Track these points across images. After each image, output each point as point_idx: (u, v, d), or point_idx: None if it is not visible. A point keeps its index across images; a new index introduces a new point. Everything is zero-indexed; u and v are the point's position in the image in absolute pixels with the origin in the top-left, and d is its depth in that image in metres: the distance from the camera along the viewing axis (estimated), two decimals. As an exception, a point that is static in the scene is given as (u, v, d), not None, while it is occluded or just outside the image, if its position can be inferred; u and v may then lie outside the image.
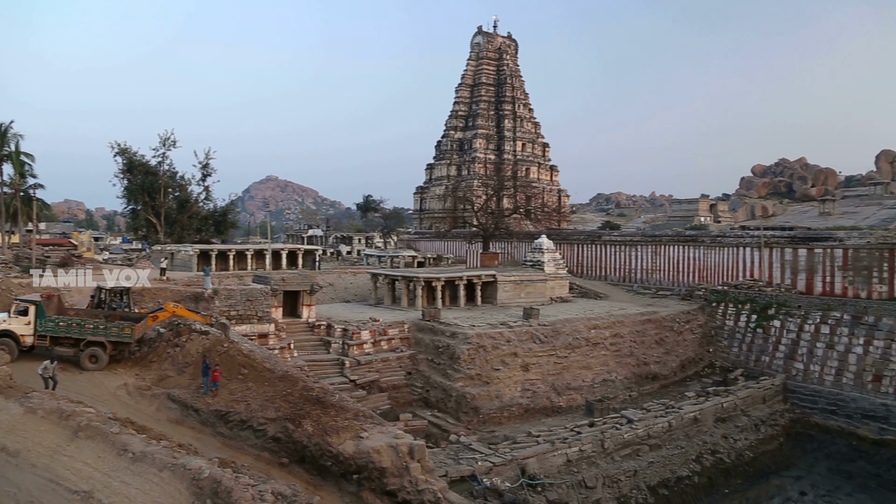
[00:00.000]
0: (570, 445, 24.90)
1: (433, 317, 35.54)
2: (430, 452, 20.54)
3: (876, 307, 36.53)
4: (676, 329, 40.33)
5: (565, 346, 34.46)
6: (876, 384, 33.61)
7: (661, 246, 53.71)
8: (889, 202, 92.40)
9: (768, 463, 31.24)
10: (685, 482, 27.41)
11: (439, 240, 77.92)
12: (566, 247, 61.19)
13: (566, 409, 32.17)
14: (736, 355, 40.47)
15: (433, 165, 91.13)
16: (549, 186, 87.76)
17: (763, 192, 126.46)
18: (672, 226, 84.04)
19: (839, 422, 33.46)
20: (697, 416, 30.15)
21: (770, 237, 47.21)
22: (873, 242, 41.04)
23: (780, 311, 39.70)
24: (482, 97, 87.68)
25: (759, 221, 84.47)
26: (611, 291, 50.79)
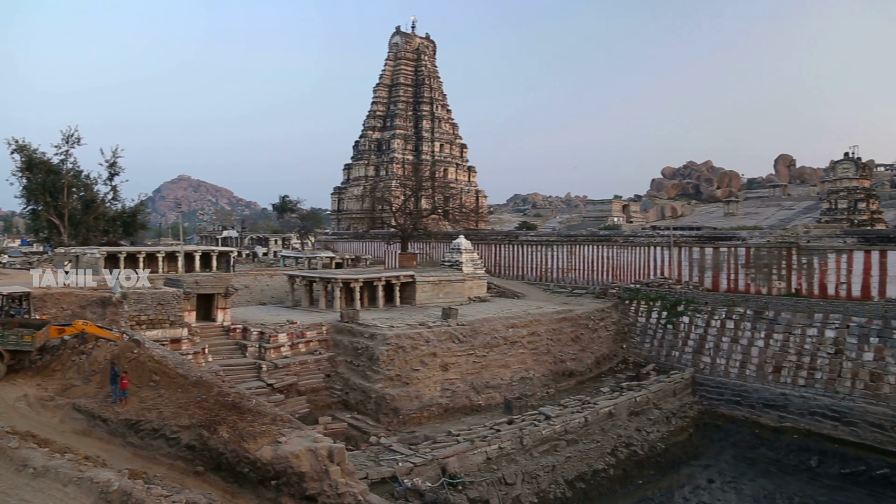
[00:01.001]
0: (490, 443, 25.18)
1: (352, 318, 35.22)
2: (350, 455, 20.33)
3: (775, 302, 38.58)
4: (591, 327, 41.33)
5: (484, 345, 34.78)
6: (776, 375, 35.47)
7: (577, 246, 54.97)
8: (787, 203, 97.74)
9: (679, 453, 32.46)
10: (601, 475, 28.16)
11: (357, 240, 77.34)
12: (484, 247, 61.82)
13: (485, 408, 32.48)
14: (648, 351, 41.85)
15: (351, 166, 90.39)
16: (466, 187, 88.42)
17: (672, 193, 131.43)
18: (587, 226, 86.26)
19: (743, 411, 35.15)
20: (612, 411, 31.03)
21: (679, 237, 49.03)
22: (773, 242, 43.23)
23: (689, 307, 41.33)
24: (400, 97, 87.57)
25: (668, 221, 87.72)
26: (528, 290, 51.61)
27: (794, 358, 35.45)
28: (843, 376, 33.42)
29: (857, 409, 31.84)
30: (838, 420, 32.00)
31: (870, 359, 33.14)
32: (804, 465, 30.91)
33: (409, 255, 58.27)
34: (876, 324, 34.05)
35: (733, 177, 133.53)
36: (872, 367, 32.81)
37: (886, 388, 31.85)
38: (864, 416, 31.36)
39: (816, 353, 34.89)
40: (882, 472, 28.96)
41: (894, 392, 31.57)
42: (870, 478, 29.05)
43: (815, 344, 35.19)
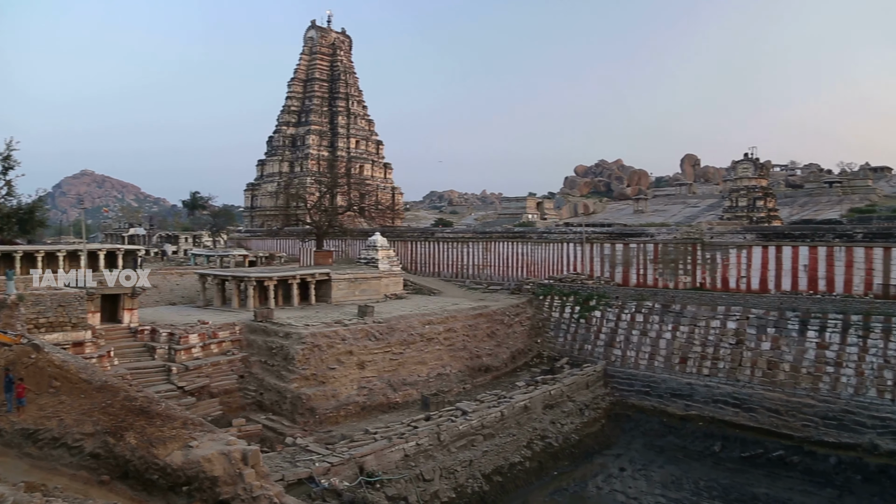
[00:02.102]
0: (408, 440, 25.19)
1: (266, 317, 34.52)
2: (265, 457, 19.92)
3: (682, 296, 40.21)
4: (507, 322, 41.93)
5: (400, 342, 34.76)
6: (682, 365, 36.97)
7: (492, 242, 55.66)
8: (692, 201, 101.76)
9: (592, 444, 33.36)
10: (518, 467, 28.64)
11: (272, 238, 75.90)
12: (400, 244, 61.78)
13: (403, 405, 32.48)
14: (562, 345, 42.81)
15: (265, 161, 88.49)
16: (383, 184, 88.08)
17: (585, 191, 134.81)
18: (502, 223, 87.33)
19: (652, 401, 36.46)
20: (527, 405, 31.58)
21: (591, 233, 50.31)
22: (679, 238, 44.98)
23: (601, 302, 42.52)
24: (315, 93, 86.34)
25: (581, 218, 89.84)
26: (444, 287, 51.89)
27: (698, 349, 37.05)
28: (743, 365, 35.17)
29: (755, 395, 33.59)
30: (739, 407, 33.67)
31: (767, 348, 35.02)
32: (709, 450, 32.35)
33: (324, 253, 57.58)
34: (773, 315, 36.00)
35: (642, 175, 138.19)
36: (770, 355, 34.68)
37: (782, 376, 33.74)
38: (762, 403, 33.13)
39: (719, 343, 36.58)
40: (778, 454, 30.67)
41: (789, 379, 33.49)
42: (767, 459, 30.71)
43: (718, 335, 36.89)
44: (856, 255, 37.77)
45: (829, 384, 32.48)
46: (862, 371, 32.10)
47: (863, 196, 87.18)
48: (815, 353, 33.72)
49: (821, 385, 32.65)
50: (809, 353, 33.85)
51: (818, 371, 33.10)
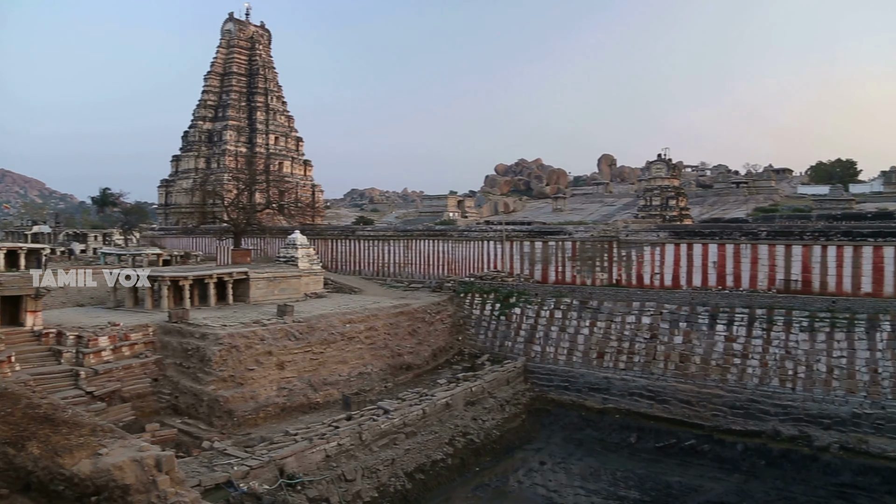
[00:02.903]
0: (329, 441, 24.90)
1: (181, 318, 33.43)
2: (181, 462, 19.33)
3: (599, 293, 41.22)
4: (428, 320, 42.01)
5: (321, 341, 34.32)
6: (599, 360, 37.91)
7: (413, 240, 55.65)
8: (609, 200, 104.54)
9: (513, 439, 33.81)
10: (440, 465, 28.73)
11: (187, 236, 73.70)
12: (321, 242, 61.04)
13: (324, 405, 32.10)
14: (483, 342, 43.20)
15: (180, 157, 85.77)
16: (303, 181, 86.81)
17: (505, 189, 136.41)
18: (423, 221, 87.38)
19: (571, 396, 37.25)
20: (449, 402, 31.74)
21: (511, 231, 50.96)
22: (596, 236, 46.09)
23: (521, 299, 43.13)
24: (233, 87, 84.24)
25: (501, 217, 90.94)
26: (365, 286, 51.57)
27: (615, 344, 38.08)
28: (657, 359, 36.37)
29: (669, 388, 34.81)
30: (654, 399, 34.80)
31: (679, 342, 36.32)
32: (625, 442, 33.32)
33: (242, 252, 56.33)
34: (684, 310, 37.36)
35: (561, 174, 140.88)
36: (682, 349, 35.99)
37: (693, 368, 35.08)
38: (675, 394, 34.35)
39: (634, 338, 37.70)
40: (690, 443, 31.87)
41: (700, 371, 34.84)
42: (680, 449, 31.88)
43: (634, 330, 38.01)
44: (760, 252, 39.62)
45: (737, 375, 33.99)
46: (766, 362, 33.73)
47: (766, 196, 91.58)
48: (723, 345, 35.21)
49: (729, 376, 34.13)
50: (718, 345, 35.32)
51: (726, 363, 34.59)
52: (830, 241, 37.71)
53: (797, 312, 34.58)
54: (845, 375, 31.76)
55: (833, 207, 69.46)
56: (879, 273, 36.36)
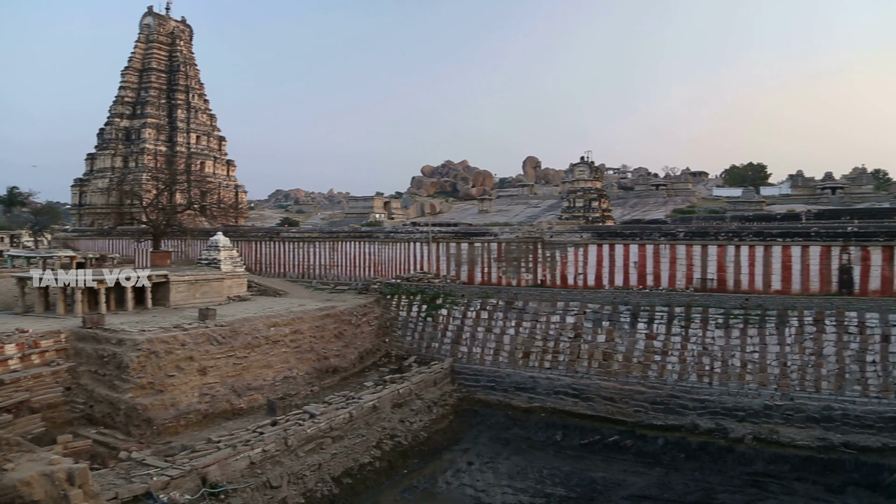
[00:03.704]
0: (253, 447, 24.35)
1: (96, 323, 32.06)
2: (96, 475, 18.60)
3: (524, 293, 41.79)
4: (354, 322, 41.67)
5: (244, 345, 33.57)
6: (525, 360, 38.40)
7: (339, 242, 55.15)
8: (533, 201, 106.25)
9: (441, 440, 33.85)
10: (367, 468, 28.49)
11: (103, 238, 70.90)
12: (244, 244, 59.82)
13: (248, 411, 31.38)
14: (409, 344, 43.14)
15: (95, 156, 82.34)
16: (225, 181, 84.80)
17: (431, 190, 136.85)
18: (349, 222, 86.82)
19: (498, 396, 37.56)
20: (376, 404, 31.53)
21: (437, 233, 51.09)
22: (521, 237, 46.69)
23: (447, 300, 43.29)
24: (153, 84, 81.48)
25: (427, 218, 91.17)
26: (290, 288, 50.77)
27: (540, 343, 38.65)
28: (581, 357, 37.10)
29: (593, 385, 35.54)
30: (578, 397, 35.48)
31: (602, 340, 37.17)
32: (551, 439, 33.82)
33: (162, 254, 54.57)
34: (607, 309, 38.26)
35: (487, 176, 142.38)
36: (605, 347, 36.84)
37: (615, 366, 35.95)
38: (599, 392, 35.11)
39: (559, 337, 38.36)
40: (613, 439, 32.61)
41: (622, 368, 35.74)
42: (604, 445, 32.57)
43: (558, 330, 38.68)
44: (678, 252, 40.97)
45: (657, 371, 35.03)
46: (685, 358, 34.90)
47: (684, 198, 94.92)
48: (644, 343, 36.23)
49: (649, 373, 35.14)
50: (639, 343, 36.31)
51: (647, 360, 35.60)
52: (743, 241, 39.35)
53: (713, 310, 35.91)
54: (758, 369, 33.20)
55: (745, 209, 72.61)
56: (788, 271, 38.18)
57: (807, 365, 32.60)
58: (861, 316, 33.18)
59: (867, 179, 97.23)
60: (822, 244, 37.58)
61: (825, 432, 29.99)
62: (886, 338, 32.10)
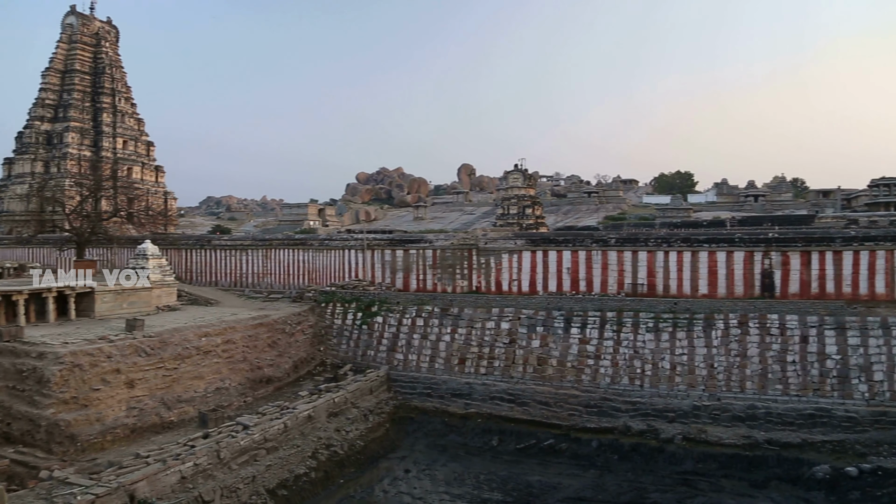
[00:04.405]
0: (184, 461, 23.67)
1: (14, 336, 30.64)
2: (13, 496, 17.77)
3: (459, 300, 41.96)
4: (288, 331, 41.06)
5: (174, 356, 32.65)
6: (461, 366, 38.55)
7: (272, 249, 54.29)
8: (468, 209, 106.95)
9: (377, 449, 33.61)
10: (303, 479, 28.05)
11: (22, 246, 67.90)
12: (174, 252, 58.29)
13: (179, 424, 30.52)
14: (345, 352, 42.75)
15: (13, 160, 78.91)
16: (154, 188, 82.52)
17: (366, 197, 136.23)
18: (283, 230, 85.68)
19: (434, 402, 37.57)
20: (311, 414, 31.12)
21: (372, 240, 50.87)
22: (456, 244, 46.90)
23: (383, 307, 43.09)
24: (76, 86, 78.69)
25: (362, 225, 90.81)
26: (223, 297, 49.67)
27: (476, 349, 38.87)
28: (516, 363, 37.48)
29: (528, 390, 35.95)
30: (514, 402, 35.81)
31: (537, 345, 37.64)
32: (488, 445, 34.00)
33: (86, 263, 52.50)
34: (541, 315, 38.77)
35: (422, 183, 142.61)
36: (539, 352, 37.32)
37: (550, 370, 36.46)
38: (534, 396, 35.54)
39: (494, 343, 38.66)
40: (549, 443, 33.02)
41: (556, 373, 36.27)
42: (539, 449, 32.93)
43: (494, 335, 38.98)
44: (610, 258, 41.87)
45: (590, 375, 35.68)
46: (617, 362, 35.66)
47: (615, 205, 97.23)
48: (577, 347, 36.86)
49: (583, 377, 35.76)
50: (573, 348, 36.92)
51: (581, 364, 36.23)
52: (672, 247, 40.51)
53: (644, 314, 36.82)
54: (686, 371, 34.22)
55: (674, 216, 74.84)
56: (714, 276, 39.49)
57: (732, 366, 33.80)
58: (782, 318, 34.63)
59: (787, 188, 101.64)
60: (745, 250, 39.04)
61: (750, 430, 31.19)
62: (805, 338, 33.61)
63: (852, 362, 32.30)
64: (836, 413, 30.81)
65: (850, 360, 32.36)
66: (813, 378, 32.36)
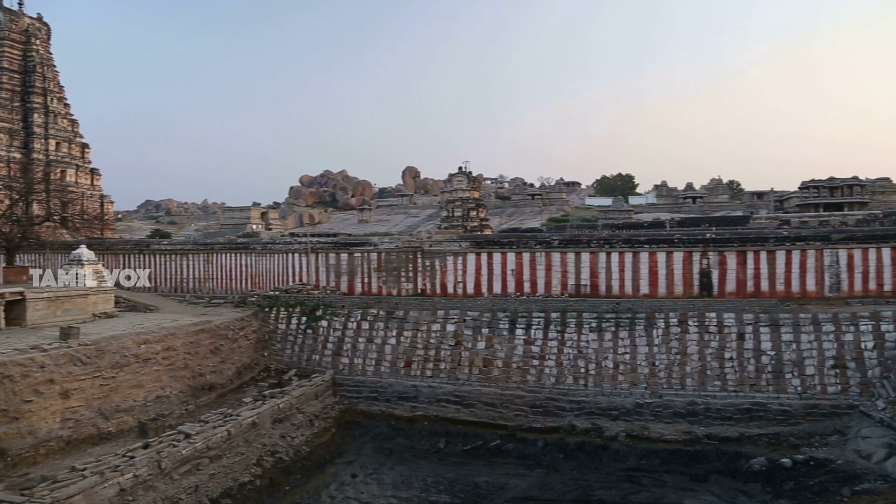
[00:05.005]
0: (123, 473, 23.00)
1: (-60, 347, 29.36)
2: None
3: (405, 302, 41.91)
4: (231, 337, 40.35)
5: (112, 365, 31.70)
6: (407, 369, 38.50)
7: (214, 254, 53.32)
8: (413, 211, 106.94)
9: (323, 454, 33.29)
10: (248, 487, 27.60)
11: (-54, 253, 64.99)
12: (111, 257, 56.68)
13: (117, 434, 29.64)
14: (290, 357, 42.23)
15: (-64, 163, 75.46)
16: (89, 191, 79.91)
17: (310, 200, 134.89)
18: (225, 233, 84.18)
19: (380, 406, 37.43)
20: (255, 421, 30.63)
21: (317, 243, 50.41)
22: (401, 246, 46.86)
23: (327, 311, 42.74)
24: (4, 85, 75.61)
25: (306, 228, 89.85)
26: (162, 303, 48.48)
27: (422, 352, 38.88)
28: (462, 365, 37.63)
29: (474, 392, 36.12)
30: (460, 404, 35.93)
31: (482, 347, 37.85)
32: (434, 447, 34.04)
33: (17, 269, 50.59)
34: (486, 316, 39.02)
35: (366, 186, 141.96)
36: (485, 354, 37.54)
37: (496, 372, 36.72)
38: (480, 398, 35.72)
39: (440, 346, 38.74)
40: (495, 444, 33.24)
41: (502, 374, 36.54)
42: (486, 450, 33.13)
43: (439, 338, 39.05)
44: (553, 259, 42.45)
45: (535, 376, 36.07)
46: (561, 362, 36.14)
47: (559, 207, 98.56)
48: (522, 348, 37.21)
49: (528, 377, 36.13)
50: (518, 349, 37.27)
51: (526, 365, 36.59)
52: (613, 248, 41.31)
53: (587, 314, 37.43)
54: (629, 370, 34.91)
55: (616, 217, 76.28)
56: (654, 276, 40.43)
57: (673, 364, 34.63)
58: (720, 316, 35.65)
59: (723, 189, 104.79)
60: (684, 250, 40.09)
61: (690, 426, 32.03)
62: (741, 336, 34.67)
63: (786, 358, 33.48)
64: (772, 407, 31.91)
65: (783, 356, 33.55)
66: (749, 374, 33.42)
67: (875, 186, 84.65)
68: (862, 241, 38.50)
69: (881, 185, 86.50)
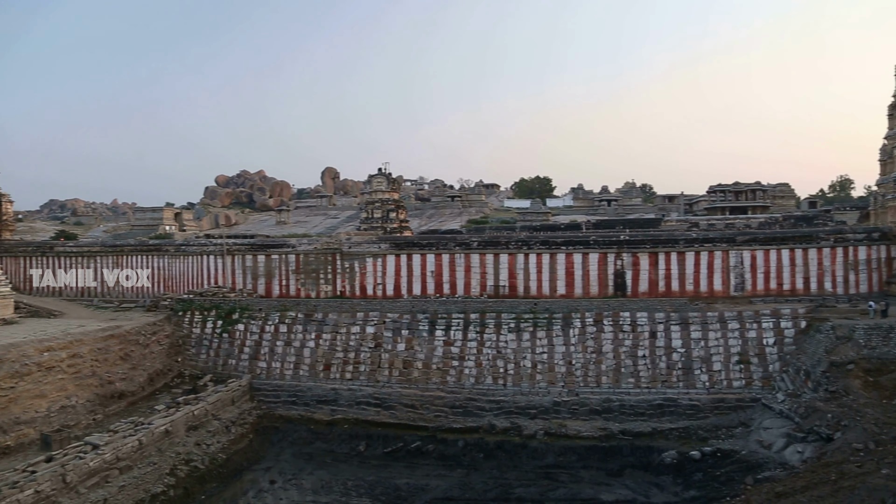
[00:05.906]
0: (23, 489, 21.85)
1: None
2: None
3: (323, 305, 41.46)
4: (143, 342, 38.94)
5: (11, 374, 30.06)
6: (326, 372, 38.10)
7: (124, 256, 51.33)
8: (332, 212, 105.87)
9: (241, 461, 32.51)
10: (161, 498, 26.68)
11: None
12: (10, 260, 53.81)
13: (17, 448, 28.12)
14: (205, 362, 41.09)
15: None
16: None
17: (226, 201, 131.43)
18: (136, 235, 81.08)
19: (299, 410, 36.89)
20: (169, 429, 29.68)
21: (232, 245, 49.21)
22: (320, 248, 46.30)
23: (244, 314, 41.81)
24: None
25: (222, 230, 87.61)
26: (68, 308, 46.34)
27: (341, 355, 38.54)
28: (382, 367, 37.51)
29: (394, 394, 36.07)
30: (380, 406, 35.80)
31: (402, 349, 37.85)
32: (355, 450, 33.78)
33: None
34: (406, 318, 39.02)
35: (284, 187, 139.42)
36: (405, 356, 37.54)
37: (416, 373, 36.77)
38: (400, 400, 35.70)
39: (360, 348, 38.50)
40: (416, 445, 33.27)
41: (422, 375, 36.62)
42: (407, 451, 33.12)
43: (359, 340, 38.81)
44: (473, 261, 42.83)
45: (455, 376, 36.32)
46: (481, 362, 36.51)
47: (478, 209, 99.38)
48: (442, 349, 37.40)
49: (448, 378, 36.34)
50: (438, 350, 37.43)
51: (446, 366, 36.80)
52: (531, 249, 42.03)
53: (505, 315, 37.94)
54: (547, 369, 35.60)
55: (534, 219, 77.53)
56: (571, 276, 41.35)
57: (589, 362, 35.52)
58: (633, 315, 36.81)
59: (637, 193, 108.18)
60: (599, 251, 41.18)
61: (606, 422, 32.95)
62: (654, 334, 35.92)
63: (695, 354, 34.89)
64: (682, 402, 33.19)
65: (693, 353, 34.94)
66: (661, 370, 34.64)
67: (776, 191, 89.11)
68: (764, 243, 40.51)
69: (781, 190, 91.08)
